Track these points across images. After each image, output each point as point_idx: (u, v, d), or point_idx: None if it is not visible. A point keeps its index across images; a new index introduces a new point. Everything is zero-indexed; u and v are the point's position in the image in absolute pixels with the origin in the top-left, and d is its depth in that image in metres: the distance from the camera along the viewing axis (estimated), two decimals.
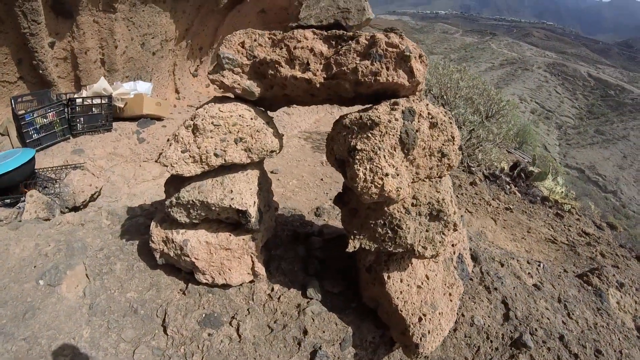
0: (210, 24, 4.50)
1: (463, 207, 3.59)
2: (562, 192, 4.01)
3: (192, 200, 1.11)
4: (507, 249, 2.73)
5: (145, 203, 1.94)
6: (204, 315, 1.21)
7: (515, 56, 45.34)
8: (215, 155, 1.08)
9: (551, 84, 37.84)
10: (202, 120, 1.09)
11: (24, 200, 2.33)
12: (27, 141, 2.90)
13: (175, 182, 1.17)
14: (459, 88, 3.89)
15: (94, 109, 3.09)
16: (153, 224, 1.27)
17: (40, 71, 3.32)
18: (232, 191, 1.11)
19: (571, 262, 3.20)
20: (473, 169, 4.11)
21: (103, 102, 3.10)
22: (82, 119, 3.07)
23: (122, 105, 3.30)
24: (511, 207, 3.69)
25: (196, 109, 1.19)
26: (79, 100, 3.06)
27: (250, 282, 1.27)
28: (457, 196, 3.74)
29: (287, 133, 4.23)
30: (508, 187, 4.24)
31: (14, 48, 3.39)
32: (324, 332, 1.20)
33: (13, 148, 3.25)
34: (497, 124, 3.88)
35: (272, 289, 1.27)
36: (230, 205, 1.10)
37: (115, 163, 2.64)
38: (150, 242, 1.27)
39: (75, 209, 2.27)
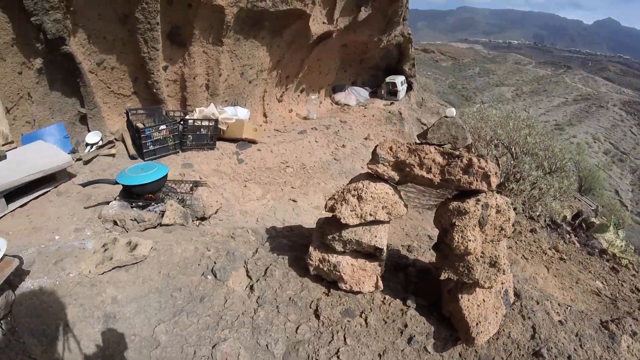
0: (298, 56, 6.04)
1: (520, 253, 4.88)
2: (622, 245, 5.25)
3: (350, 239, 2.50)
4: (550, 294, 3.97)
5: (277, 226, 3.37)
6: (343, 309, 2.58)
7: (589, 91, 47.55)
8: (370, 215, 2.45)
9: (627, 124, 39.31)
10: (364, 193, 2.47)
11: (152, 205, 3.74)
12: (144, 151, 4.43)
13: (337, 225, 2.56)
14: (526, 143, 5.26)
15: (202, 129, 4.58)
16: (311, 248, 2.67)
17: (154, 90, 4.82)
18: (376, 236, 2.49)
19: (608, 315, 4.41)
20: (534, 216, 5.38)
21: (210, 124, 4.61)
22: (191, 136, 4.58)
23: (225, 128, 4.79)
24: (565, 257, 4.95)
25: (356, 183, 2.54)
26: (190, 121, 4.53)
27: (371, 292, 2.63)
28: (515, 242, 5.10)
29: (365, 167, 5.66)
30: (568, 236, 5.48)
31: (132, 67, 4.90)
32: (416, 327, 2.56)
33: (129, 153, 4.76)
34: (559, 179, 5.20)
35: (385, 298, 2.65)
36: (374, 245, 2.47)
37: (224, 182, 4.02)
38: (308, 259, 2.66)
39: (202, 219, 3.66)
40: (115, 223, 3.68)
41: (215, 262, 2.95)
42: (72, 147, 5.15)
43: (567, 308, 3.72)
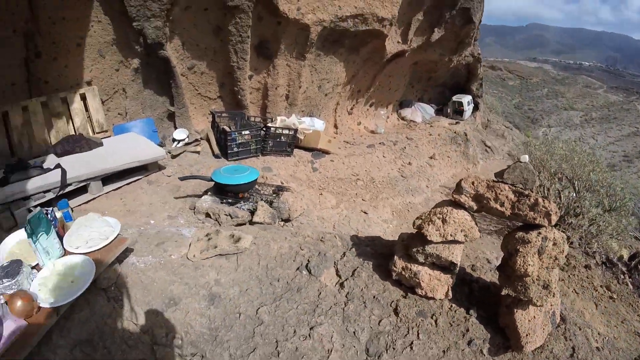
0: (370, 72, 7.09)
1: (572, 287, 5.72)
2: None
3: (431, 253, 3.37)
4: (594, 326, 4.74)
5: (358, 235, 4.29)
6: (418, 310, 3.46)
7: None
8: (450, 235, 3.32)
9: None
10: (448, 217, 3.35)
11: (240, 203, 4.62)
12: (229, 152, 5.44)
13: (421, 240, 3.43)
14: (589, 179, 6.01)
15: (282, 137, 5.52)
16: (396, 257, 3.58)
17: (239, 96, 5.85)
18: (452, 253, 3.35)
19: None
20: (590, 253, 6.10)
21: (290, 133, 5.56)
22: (271, 142, 5.57)
23: (302, 137, 5.71)
24: (615, 297, 5.67)
25: (441, 208, 3.37)
26: (272, 129, 5.47)
27: (442, 299, 3.47)
28: (569, 276, 5.96)
29: (430, 186, 6.52)
30: (622, 276, 6.24)
31: (220, 74, 5.91)
32: (476, 333, 3.41)
33: (213, 152, 5.79)
34: (617, 218, 5.94)
35: (452, 305, 3.51)
36: (450, 260, 3.32)
37: (302, 188, 4.93)
38: (392, 266, 3.56)
39: (286, 220, 4.55)
40: (207, 215, 4.72)
41: (309, 260, 3.85)
42: (160, 141, 6.17)
43: (605, 338, 4.49)
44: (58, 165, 4.87)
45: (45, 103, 5.85)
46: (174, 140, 6.53)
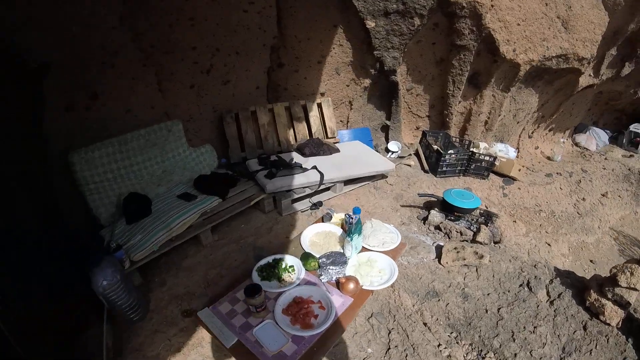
0: (557, 100, 8.27)
1: None
2: None
3: (617, 293, 4.21)
4: None
5: (556, 267, 5.25)
6: (598, 329, 4.36)
7: None
8: (633, 284, 4.32)
9: None
10: (635, 272, 4.29)
11: (459, 221, 5.60)
12: (438, 170, 6.59)
13: (612, 283, 4.44)
14: None
15: (483, 162, 6.62)
16: (592, 290, 4.59)
17: (446, 118, 7.11)
18: (631, 296, 4.27)
19: None
20: None
21: (489, 159, 6.62)
22: (473, 165, 6.63)
23: (497, 164, 6.78)
24: None
25: (630, 264, 4.45)
26: (477, 154, 6.59)
27: (613, 326, 4.50)
28: None
29: (601, 227, 7.34)
30: None
31: (433, 97, 7.22)
32: (629, 354, 4.46)
33: (422, 167, 7.05)
34: None
35: (618, 332, 4.27)
36: (627, 300, 4.24)
37: (501, 214, 6.03)
38: (587, 296, 4.51)
39: (495, 242, 5.59)
40: (437, 228, 5.69)
41: (529, 280, 4.89)
42: (373, 149, 7.61)
43: None
44: (314, 167, 6.15)
45: (288, 107, 7.27)
46: (387, 150, 7.81)
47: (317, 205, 6.00)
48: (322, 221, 4.75)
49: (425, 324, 4.16)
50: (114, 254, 3.87)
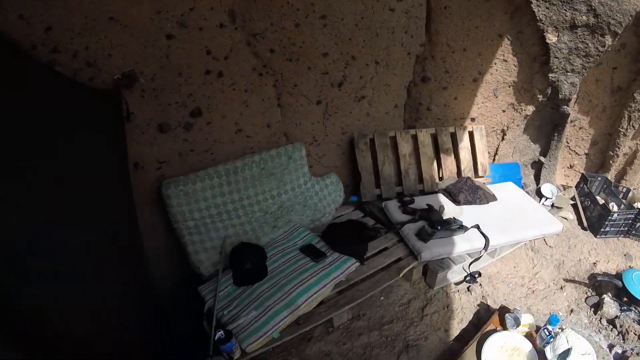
0: None
1: None
2: None
3: None
4: None
5: None
6: None
7: None
8: None
9: None
10: None
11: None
12: (601, 229, 5.65)
13: None
14: None
15: None
16: None
17: (609, 160, 5.76)
18: None
19: None
20: None
21: None
22: (638, 224, 5.45)
23: None
24: None
25: None
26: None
27: None
28: None
29: None
30: None
31: (597, 132, 6.22)
32: None
33: (581, 223, 5.86)
34: None
35: None
36: None
37: None
38: None
39: None
40: (611, 322, 4.42)
41: None
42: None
43: None
44: (476, 227, 4.79)
45: (434, 135, 5.92)
46: (538, 194, 6.36)
47: (474, 277, 4.75)
48: (502, 325, 3.94)
49: None
50: (223, 346, 3.00)
